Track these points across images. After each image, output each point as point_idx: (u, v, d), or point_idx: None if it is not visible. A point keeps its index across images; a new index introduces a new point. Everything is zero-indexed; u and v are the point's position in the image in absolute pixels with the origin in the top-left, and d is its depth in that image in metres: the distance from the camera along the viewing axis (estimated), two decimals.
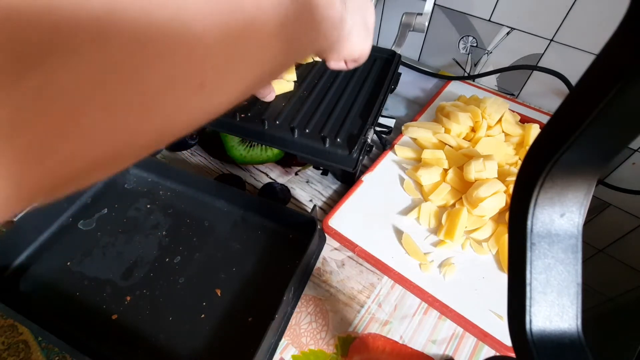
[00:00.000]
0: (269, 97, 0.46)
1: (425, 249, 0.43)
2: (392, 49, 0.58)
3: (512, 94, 0.67)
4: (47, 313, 0.39)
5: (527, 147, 0.44)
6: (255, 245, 0.44)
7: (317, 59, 0.55)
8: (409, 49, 0.72)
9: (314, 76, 0.52)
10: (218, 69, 0.15)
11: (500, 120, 0.53)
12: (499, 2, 0.58)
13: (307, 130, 0.44)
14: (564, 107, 0.13)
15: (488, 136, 0.52)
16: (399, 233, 0.45)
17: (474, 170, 0.45)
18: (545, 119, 0.59)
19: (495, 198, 0.43)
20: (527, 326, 0.15)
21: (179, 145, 0.56)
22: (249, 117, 0.46)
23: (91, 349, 0.35)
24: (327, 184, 0.52)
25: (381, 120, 0.58)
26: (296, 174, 0.54)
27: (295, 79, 0.51)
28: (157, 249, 0.44)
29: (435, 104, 0.60)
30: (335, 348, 0.38)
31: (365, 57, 0.33)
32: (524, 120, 0.57)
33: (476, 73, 0.68)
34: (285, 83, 0.49)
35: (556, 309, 0.15)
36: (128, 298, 0.40)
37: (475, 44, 0.65)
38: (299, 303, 0.41)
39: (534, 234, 0.15)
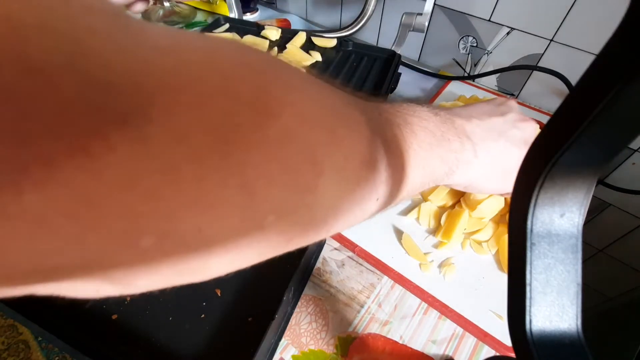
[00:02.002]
0: None
1: (425, 249, 0.43)
2: (392, 49, 0.58)
3: (512, 94, 0.67)
4: (47, 313, 0.39)
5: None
6: None
7: (318, 58, 0.55)
8: (409, 49, 0.73)
9: None
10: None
11: None
12: (499, 2, 0.58)
13: None
14: (564, 107, 0.13)
15: None
16: (399, 233, 0.45)
17: None
18: (545, 119, 0.59)
19: (493, 200, 0.43)
20: (527, 326, 0.15)
21: None
22: None
23: (91, 349, 0.35)
24: None
25: None
26: None
27: None
28: None
29: (435, 104, 0.60)
30: (335, 348, 0.38)
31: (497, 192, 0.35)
32: None
33: (476, 73, 0.68)
34: None
35: (556, 309, 0.15)
36: (128, 298, 0.40)
37: (475, 44, 0.65)
38: (299, 303, 0.41)
39: (534, 234, 0.15)
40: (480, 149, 0.28)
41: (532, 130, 0.33)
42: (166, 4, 0.79)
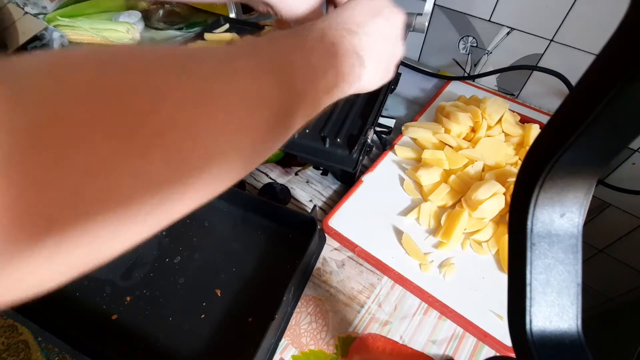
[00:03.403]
0: None
1: (425, 249, 0.43)
2: None
3: (512, 94, 0.67)
4: (47, 313, 0.39)
5: (527, 147, 0.44)
6: (255, 245, 0.44)
7: None
8: (409, 49, 0.73)
9: None
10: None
11: (500, 120, 0.53)
12: (499, 2, 0.58)
13: (307, 131, 0.44)
14: (564, 107, 0.13)
15: (488, 136, 0.52)
16: (399, 233, 0.45)
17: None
18: (545, 119, 0.59)
19: (494, 200, 0.43)
20: (527, 326, 0.15)
21: None
22: None
23: (91, 349, 0.35)
24: (327, 184, 0.52)
25: (381, 120, 0.58)
26: (296, 174, 0.54)
27: None
28: (157, 249, 0.44)
29: (435, 104, 0.60)
30: (335, 348, 0.38)
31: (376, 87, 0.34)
32: (524, 120, 0.57)
33: (476, 73, 0.68)
34: None
35: (556, 309, 0.15)
36: (128, 298, 0.40)
37: (475, 44, 0.65)
38: (299, 303, 0.41)
39: (534, 234, 0.15)
40: (367, 58, 0.29)
41: (400, 22, 0.34)
42: (166, 5, 0.79)
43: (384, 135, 0.55)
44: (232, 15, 0.72)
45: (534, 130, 0.52)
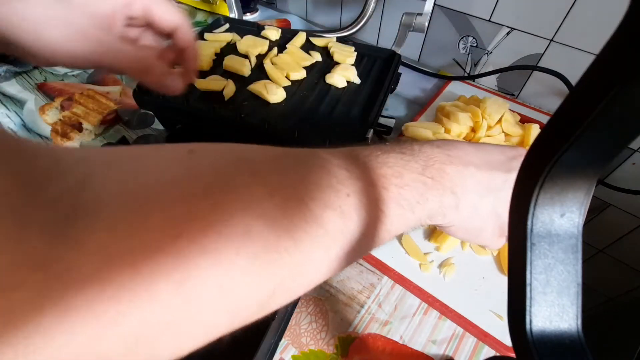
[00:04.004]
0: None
1: (426, 249, 0.43)
2: (392, 49, 0.58)
3: (512, 94, 0.67)
4: None
5: (527, 147, 0.44)
6: None
7: (318, 58, 0.54)
8: (409, 49, 0.73)
9: (313, 76, 0.52)
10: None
11: (500, 120, 0.53)
12: (499, 2, 0.58)
13: (307, 130, 0.44)
14: (564, 107, 0.13)
15: (488, 136, 0.52)
16: None
17: None
18: (545, 119, 0.59)
19: None
20: (527, 326, 0.15)
21: None
22: (250, 117, 0.46)
23: None
24: None
25: (381, 120, 0.58)
26: None
27: (305, 75, 0.51)
28: None
29: (435, 104, 0.60)
30: (335, 348, 0.38)
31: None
32: (524, 120, 0.57)
33: (476, 73, 0.68)
34: (284, 80, 0.49)
35: (556, 309, 0.15)
36: None
37: (475, 44, 0.65)
38: (299, 303, 0.41)
39: (534, 234, 0.15)
40: (463, 204, 0.26)
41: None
42: None
43: (384, 135, 0.55)
44: (232, 15, 0.72)
45: (534, 130, 0.52)
